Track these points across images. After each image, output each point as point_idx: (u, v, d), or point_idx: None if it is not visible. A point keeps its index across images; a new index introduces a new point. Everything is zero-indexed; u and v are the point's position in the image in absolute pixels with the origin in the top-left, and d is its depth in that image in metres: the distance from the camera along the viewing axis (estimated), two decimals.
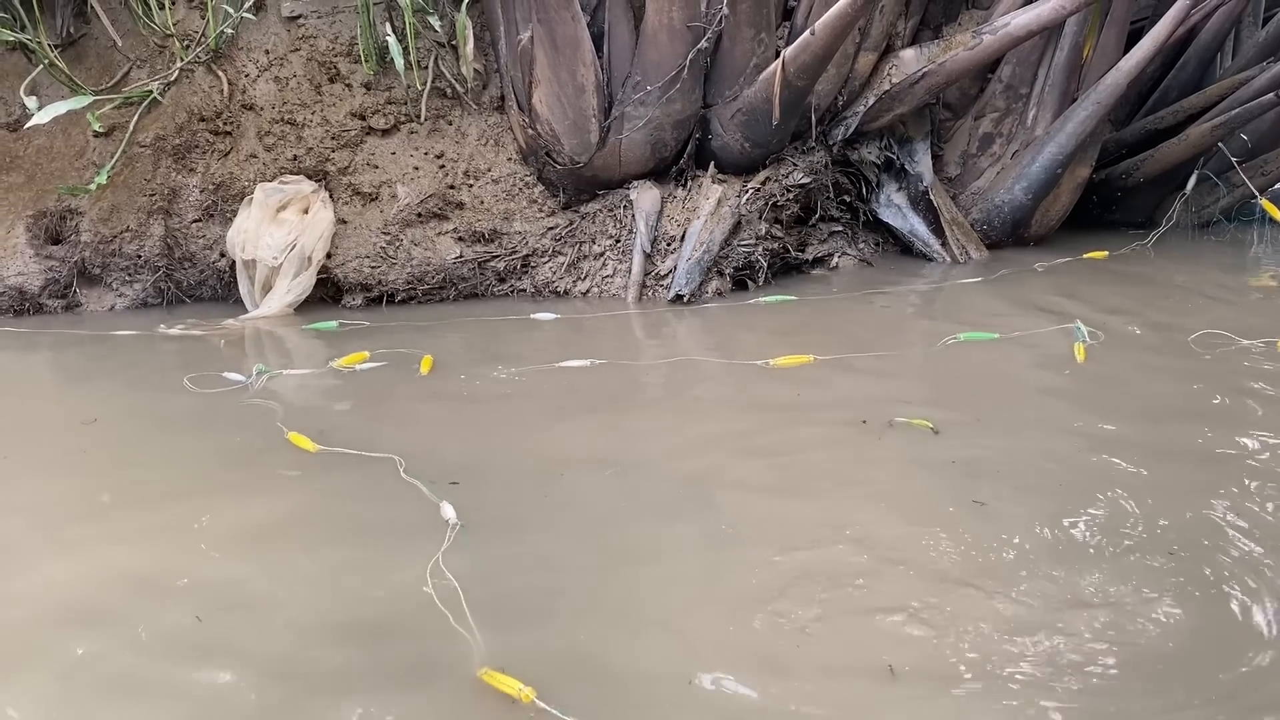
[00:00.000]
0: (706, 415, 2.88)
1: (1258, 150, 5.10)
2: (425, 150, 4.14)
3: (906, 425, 2.66)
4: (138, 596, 1.95)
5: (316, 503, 2.36)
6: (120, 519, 2.31)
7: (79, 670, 1.73)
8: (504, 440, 2.68)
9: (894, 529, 2.14)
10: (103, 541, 2.19)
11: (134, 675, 1.72)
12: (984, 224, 4.70)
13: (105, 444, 2.73)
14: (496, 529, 2.17)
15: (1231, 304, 3.93)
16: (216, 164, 4.04)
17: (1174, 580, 1.93)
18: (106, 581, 2.01)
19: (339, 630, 1.84)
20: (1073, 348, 3.27)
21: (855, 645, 1.76)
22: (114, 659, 1.76)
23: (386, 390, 3.10)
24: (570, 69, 3.92)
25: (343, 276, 4.01)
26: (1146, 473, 2.38)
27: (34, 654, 1.77)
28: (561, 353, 3.35)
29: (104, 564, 2.09)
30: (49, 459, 2.66)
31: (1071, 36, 4.44)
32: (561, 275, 4.19)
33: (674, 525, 2.19)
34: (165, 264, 4.05)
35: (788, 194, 4.30)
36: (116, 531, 2.24)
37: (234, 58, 4.10)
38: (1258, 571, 1.95)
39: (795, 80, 3.88)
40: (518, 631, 1.81)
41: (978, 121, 4.71)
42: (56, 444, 2.76)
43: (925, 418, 2.69)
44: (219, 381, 3.12)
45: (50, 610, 1.90)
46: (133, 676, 1.71)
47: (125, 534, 2.22)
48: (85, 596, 1.95)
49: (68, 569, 2.07)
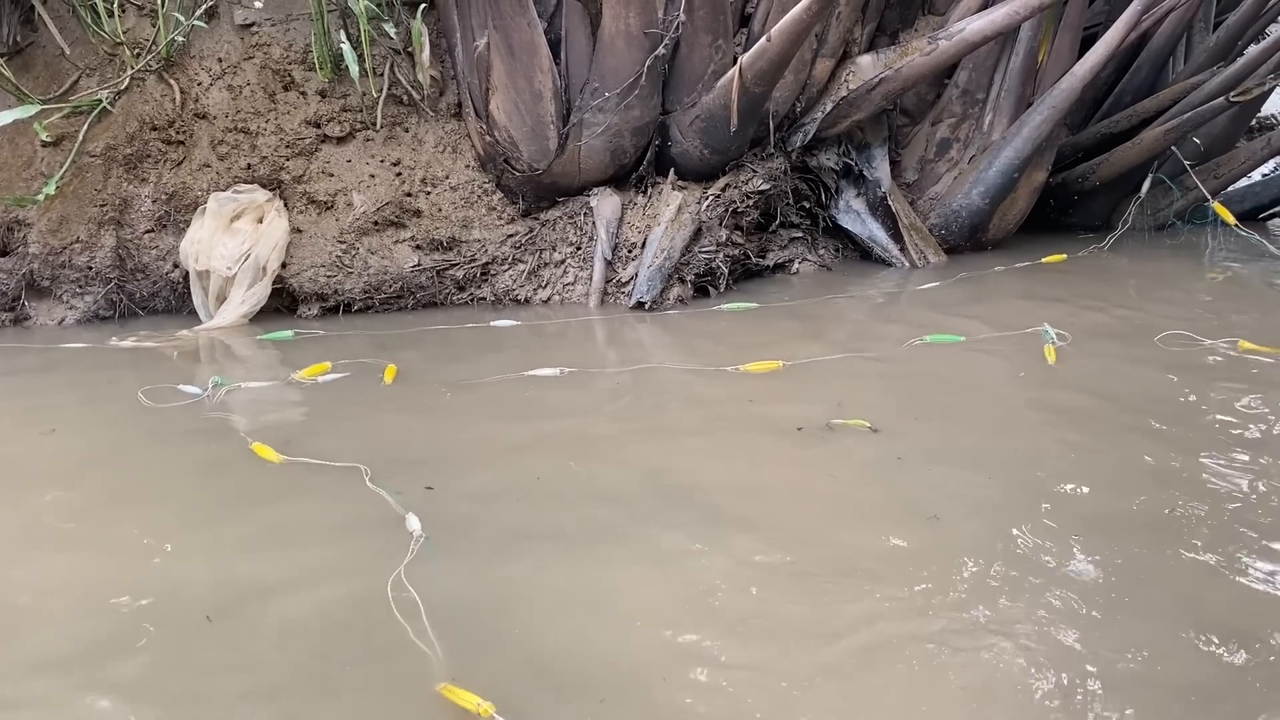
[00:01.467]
0: (674, 423, 2.87)
1: (1210, 153, 5.17)
2: (381, 158, 4.10)
3: (844, 426, 2.68)
4: (88, 607, 1.90)
5: (279, 514, 2.32)
6: (78, 532, 2.27)
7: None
8: (471, 450, 2.65)
9: (851, 531, 2.14)
10: (59, 552, 2.15)
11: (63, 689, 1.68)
12: (942, 229, 4.72)
13: (61, 458, 2.68)
14: (462, 539, 2.15)
15: (1190, 305, 3.97)
16: (169, 173, 3.98)
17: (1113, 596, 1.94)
18: (60, 590, 1.98)
19: (298, 643, 1.81)
20: (1042, 350, 3.29)
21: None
22: (64, 673, 1.71)
23: (350, 400, 3.06)
24: (527, 75, 3.90)
25: (298, 286, 3.96)
26: (1108, 477, 2.39)
27: None
28: (525, 361, 3.33)
29: (60, 575, 2.05)
30: (3, 474, 2.60)
31: (1026, 42, 4.48)
32: (522, 283, 4.16)
33: (640, 535, 2.17)
34: (117, 275, 3.99)
35: (748, 200, 4.31)
36: (75, 543, 2.20)
37: (186, 66, 4.05)
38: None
39: (753, 87, 3.89)
40: (479, 645, 1.78)
41: (935, 127, 4.74)
42: (11, 459, 2.70)
43: (890, 418, 2.70)
44: (175, 395, 3.06)
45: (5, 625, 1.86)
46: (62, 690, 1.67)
47: (83, 546, 2.19)
48: (40, 606, 1.91)
49: (25, 579, 2.03)
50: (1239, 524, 2.14)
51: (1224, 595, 1.90)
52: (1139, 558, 2.03)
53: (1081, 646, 1.75)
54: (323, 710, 1.64)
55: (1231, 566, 1.98)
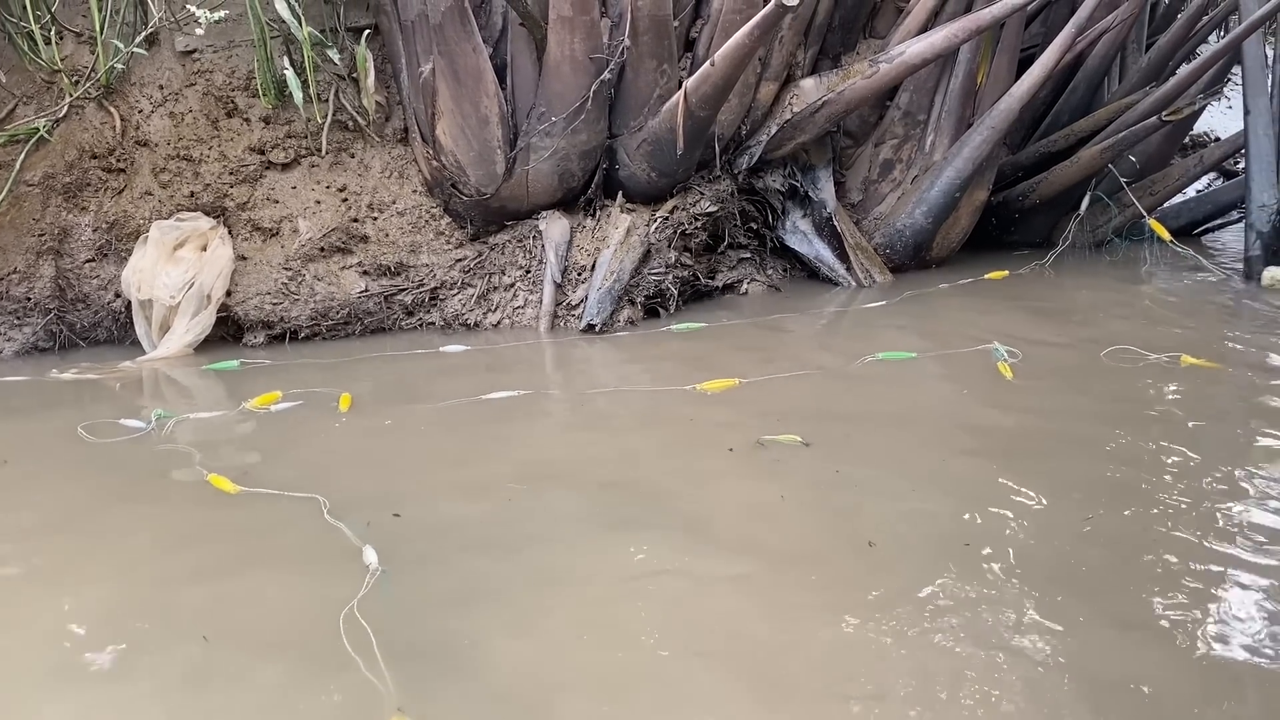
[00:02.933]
0: (635, 442, 2.89)
1: (1146, 171, 5.29)
2: (327, 184, 4.08)
3: (774, 442, 2.73)
4: (43, 642, 1.87)
5: (234, 547, 2.29)
6: (24, 566, 2.24)
7: None
8: (431, 477, 2.64)
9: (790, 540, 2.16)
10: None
11: None
12: (887, 248, 4.78)
13: (5, 493, 2.62)
14: (419, 569, 2.13)
15: (1131, 319, 4.08)
16: (110, 202, 3.92)
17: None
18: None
19: (251, 676, 1.79)
20: (996, 366, 3.35)
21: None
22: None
23: (305, 429, 3.02)
24: (473, 100, 3.90)
25: (243, 314, 3.92)
26: (1044, 502, 2.43)
27: None
28: (478, 385, 3.31)
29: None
30: None
31: (965, 64, 4.57)
32: (471, 307, 4.15)
33: (603, 561, 2.18)
34: (57, 306, 3.91)
35: (696, 222, 4.34)
36: (20, 578, 2.17)
37: (126, 93, 4.00)
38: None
39: (698, 110, 3.92)
40: (431, 677, 1.77)
41: (878, 148, 4.81)
42: None
43: (849, 432, 2.78)
44: (118, 429, 2.99)
45: None
46: None
47: (28, 582, 2.16)
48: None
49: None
50: (1187, 536, 2.19)
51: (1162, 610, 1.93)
52: (1093, 568, 2.06)
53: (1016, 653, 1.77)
54: None
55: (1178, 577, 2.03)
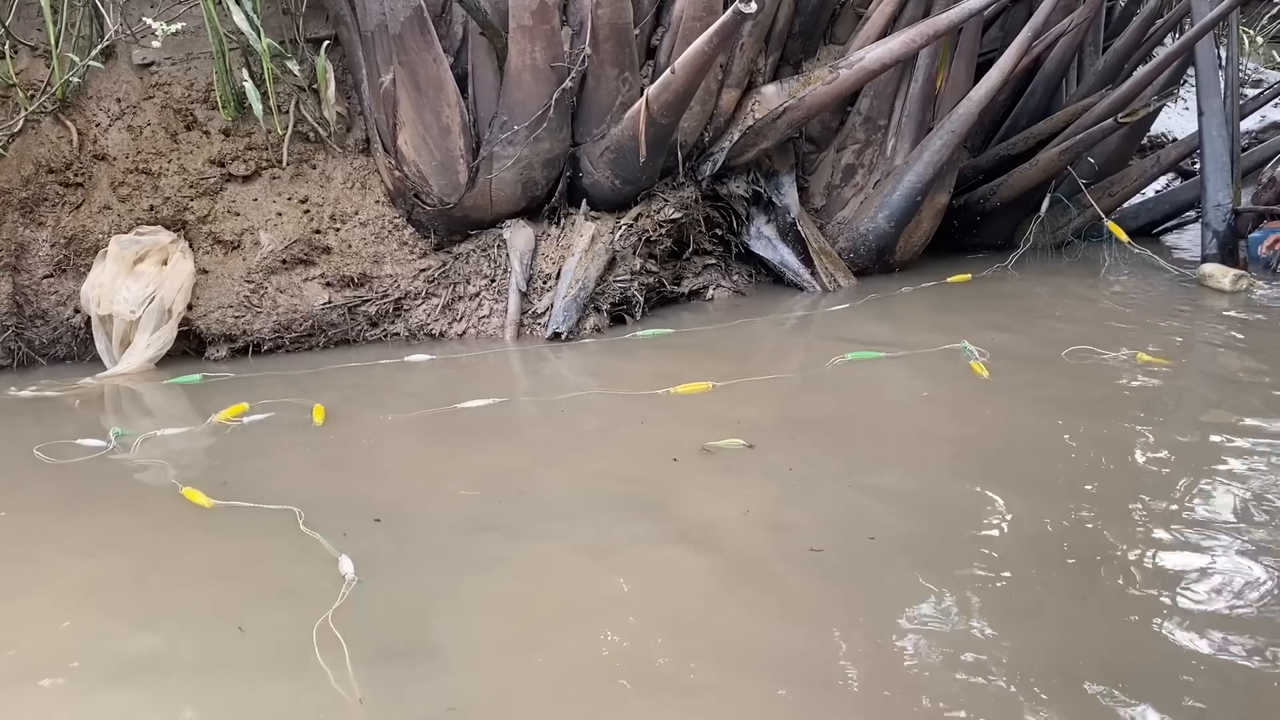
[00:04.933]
0: (611, 446, 2.92)
1: (1105, 172, 5.36)
2: (289, 195, 4.06)
3: (719, 448, 2.75)
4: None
5: (210, 559, 2.28)
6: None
7: None
8: (408, 486, 2.64)
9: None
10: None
11: None
12: (851, 252, 4.82)
13: None
14: (394, 579, 2.13)
15: (1091, 319, 4.14)
16: (68, 217, 3.88)
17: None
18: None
19: (222, 689, 1.78)
20: (963, 364, 3.41)
21: None
22: None
23: (276, 442, 3.00)
24: (435, 110, 3.89)
25: (205, 328, 3.88)
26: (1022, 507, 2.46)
27: None
28: (446, 394, 3.31)
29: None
30: None
31: (925, 69, 4.61)
32: (436, 317, 4.14)
33: (583, 570, 2.19)
34: (15, 323, 3.86)
35: (660, 229, 4.35)
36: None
37: (83, 107, 3.96)
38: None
39: (660, 118, 3.93)
40: (402, 689, 1.77)
41: (840, 153, 4.84)
42: None
43: (827, 431, 2.84)
44: (77, 450, 2.94)
45: None
46: None
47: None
48: None
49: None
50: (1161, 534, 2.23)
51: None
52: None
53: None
54: None
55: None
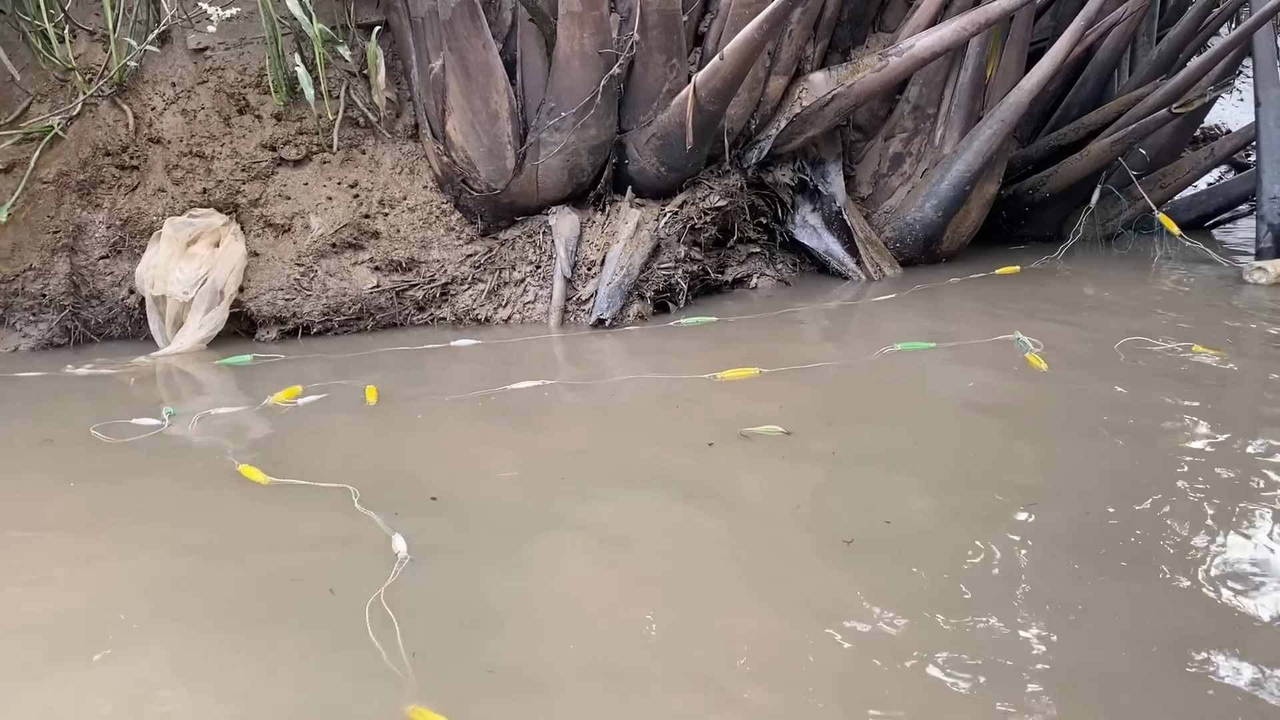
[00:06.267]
0: (660, 429, 2.92)
1: (1157, 164, 5.28)
2: (339, 180, 4.10)
3: (757, 434, 2.75)
4: (65, 636, 1.89)
5: (266, 535, 2.32)
6: (64, 550, 2.28)
7: None
8: (458, 467, 2.67)
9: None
10: (36, 575, 2.16)
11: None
12: (897, 242, 4.79)
13: (32, 486, 2.65)
14: (447, 560, 2.15)
15: (1142, 311, 4.08)
16: (123, 199, 3.95)
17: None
18: (48, 621, 1.97)
19: (269, 667, 1.81)
20: (1015, 356, 3.38)
21: None
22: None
23: (331, 422, 3.04)
24: (483, 96, 3.92)
25: (256, 310, 3.94)
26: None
27: None
28: (492, 378, 3.34)
29: (39, 600, 2.06)
30: None
31: (975, 57, 4.57)
32: (482, 302, 4.17)
33: (639, 554, 2.19)
34: (72, 302, 3.95)
35: (705, 217, 4.35)
36: (59, 562, 2.21)
37: (139, 91, 4.03)
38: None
39: (707, 105, 3.93)
40: (452, 668, 1.78)
41: (888, 142, 4.81)
42: None
43: (876, 422, 2.81)
44: (132, 429, 2.99)
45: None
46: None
47: (68, 565, 2.20)
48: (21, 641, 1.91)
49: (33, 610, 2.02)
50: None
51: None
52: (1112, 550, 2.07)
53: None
54: None
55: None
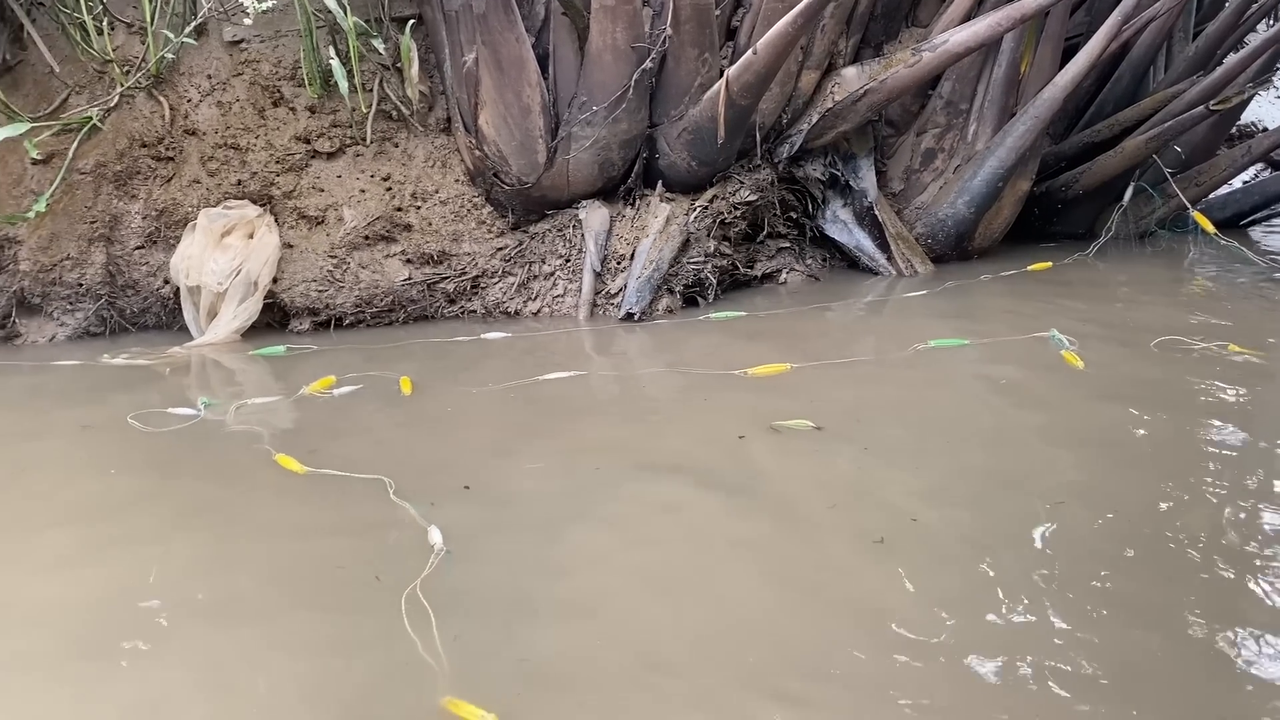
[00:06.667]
0: (694, 421, 2.93)
1: (1191, 161, 5.23)
2: (371, 173, 4.13)
3: (787, 428, 2.74)
4: (97, 613, 1.92)
5: (302, 525, 2.34)
6: (102, 535, 2.31)
7: None
8: (491, 458, 2.68)
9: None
10: (76, 561, 2.19)
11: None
12: (928, 238, 4.76)
13: (62, 478, 2.68)
14: (482, 551, 2.16)
15: (1177, 310, 4.03)
16: (159, 190, 3.99)
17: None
18: (85, 604, 1.99)
19: (310, 656, 1.83)
20: (1051, 354, 3.35)
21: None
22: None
23: (366, 412, 3.06)
24: (516, 90, 3.93)
25: (289, 301, 3.97)
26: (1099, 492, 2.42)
27: None
28: (524, 371, 3.35)
29: (80, 586, 2.08)
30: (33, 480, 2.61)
31: (1009, 53, 4.53)
32: (512, 296, 4.18)
33: (657, 547, 2.19)
34: (108, 292, 3.99)
35: (735, 211, 4.34)
36: (86, 548, 2.24)
37: (175, 83, 4.06)
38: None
39: (739, 99, 3.92)
40: (487, 659, 1.79)
41: (920, 137, 4.79)
42: (24, 479, 2.70)
43: (906, 418, 2.79)
44: (169, 418, 3.02)
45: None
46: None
47: (106, 549, 2.23)
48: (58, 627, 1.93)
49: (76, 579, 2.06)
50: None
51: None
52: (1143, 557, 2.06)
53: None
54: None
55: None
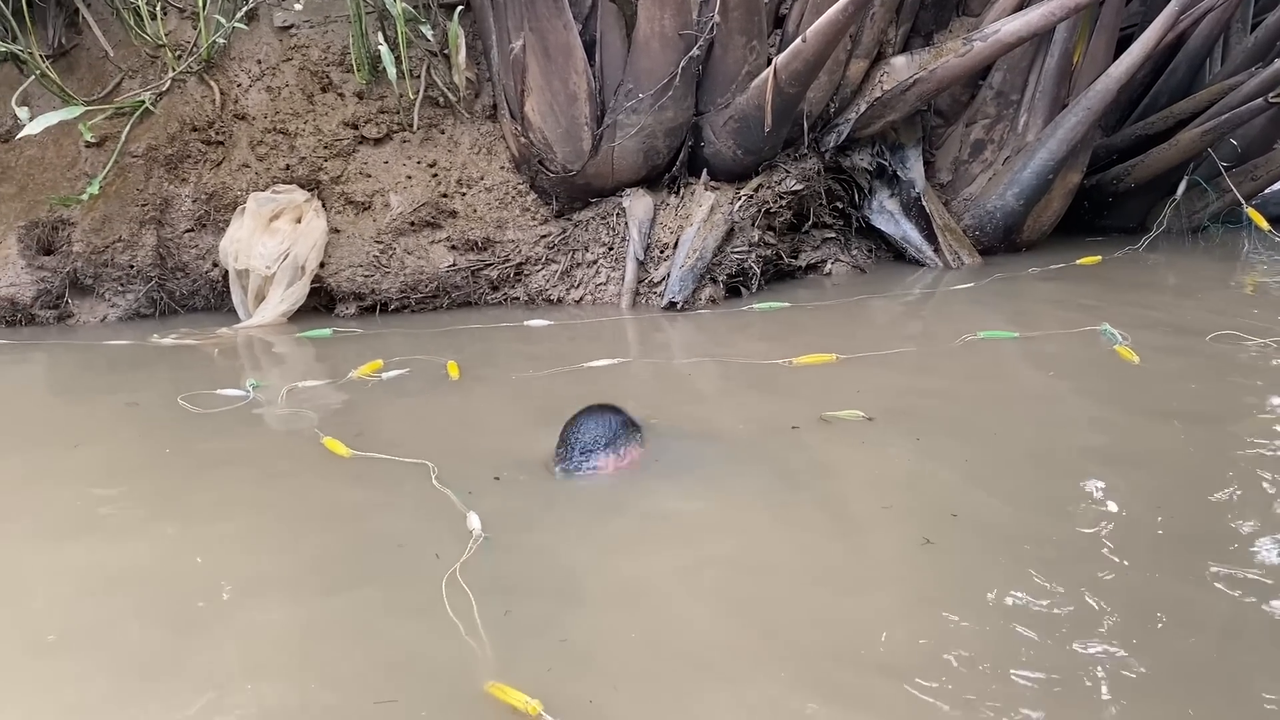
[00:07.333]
0: (720, 415, 2.91)
1: (1247, 155, 5.12)
2: (418, 159, 4.14)
3: (838, 419, 2.70)
4: (140, 595, 1.94)
5: (346, 507, 2.36)
6: (154, 511, 2.34)
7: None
8: (535, 443, 2.65)
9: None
10: (131, 535, 2.22)
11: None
12: (976, 230, 4.71)
13: (117, 456, 2.72)
14: (522, 538, 2.16)
15: (1230, 306, 3.95)
16: (209, 174, 4.03)
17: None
18: (113, 582, 2.02)
19: (349, 638, 1.84)
20: (1111, 349, 3.29)
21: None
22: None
23: (411, 397, 3.09)
24: (562, 77, 3.92)
25: (336, 285, 4.01)
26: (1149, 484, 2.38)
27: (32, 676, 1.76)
28: (566, 357, 3.36)
29: (135, 559, 2.11)
30: (72, 469, 2.64)
31: (1061, 43, 4.46)
32: (555, 283, 4.19)
33: (703, 536, 2.18)
34: (158, 274, 4.05)
35: (780, 201, 4.31)
36: (136, 531, 2.25)
37: (226, 68, 4.10)
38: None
39: (787, 87, 3.89)
40: (529, 644, 1.79)
41: (969, 128, 4.73)
42: (79, 455, 2.73)
43: (956, 409, 2.77)
44: (218, 399, 3.06)
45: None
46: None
47: (157, 524, 2.26)
48: (110, 599, 1.96)
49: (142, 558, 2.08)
50: None
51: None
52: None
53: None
54: (374, 710, 1.66)
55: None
